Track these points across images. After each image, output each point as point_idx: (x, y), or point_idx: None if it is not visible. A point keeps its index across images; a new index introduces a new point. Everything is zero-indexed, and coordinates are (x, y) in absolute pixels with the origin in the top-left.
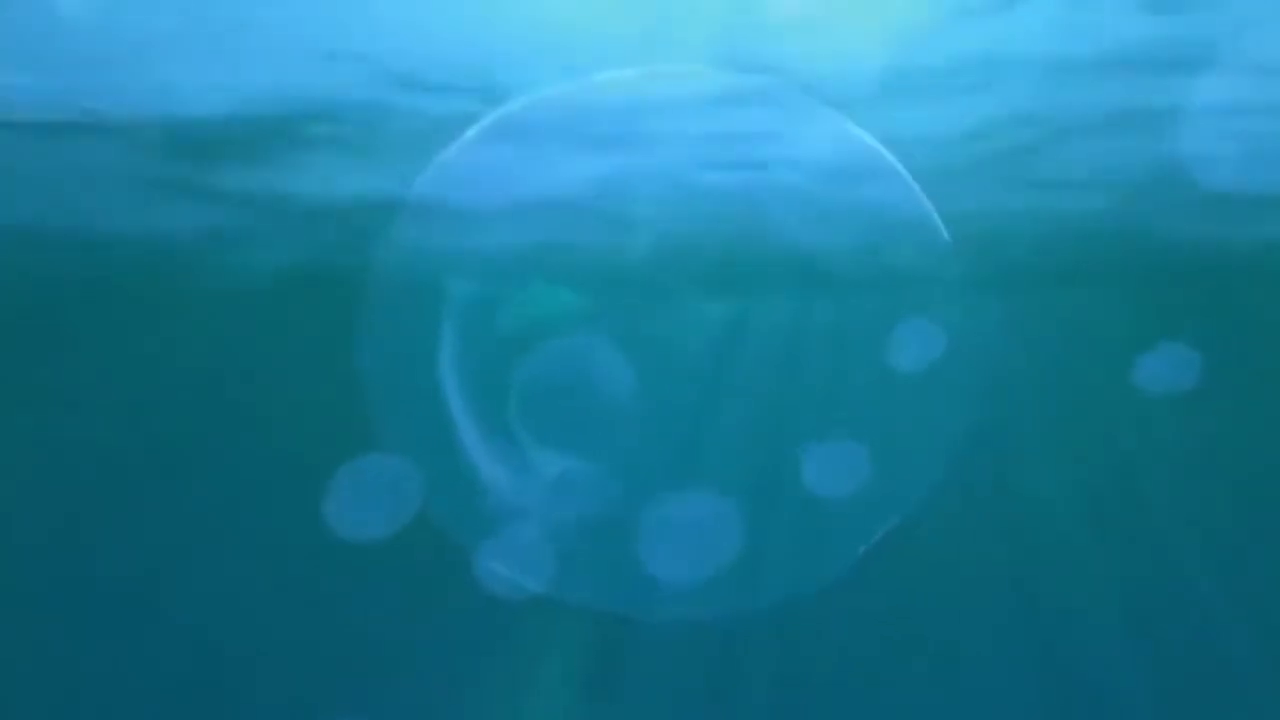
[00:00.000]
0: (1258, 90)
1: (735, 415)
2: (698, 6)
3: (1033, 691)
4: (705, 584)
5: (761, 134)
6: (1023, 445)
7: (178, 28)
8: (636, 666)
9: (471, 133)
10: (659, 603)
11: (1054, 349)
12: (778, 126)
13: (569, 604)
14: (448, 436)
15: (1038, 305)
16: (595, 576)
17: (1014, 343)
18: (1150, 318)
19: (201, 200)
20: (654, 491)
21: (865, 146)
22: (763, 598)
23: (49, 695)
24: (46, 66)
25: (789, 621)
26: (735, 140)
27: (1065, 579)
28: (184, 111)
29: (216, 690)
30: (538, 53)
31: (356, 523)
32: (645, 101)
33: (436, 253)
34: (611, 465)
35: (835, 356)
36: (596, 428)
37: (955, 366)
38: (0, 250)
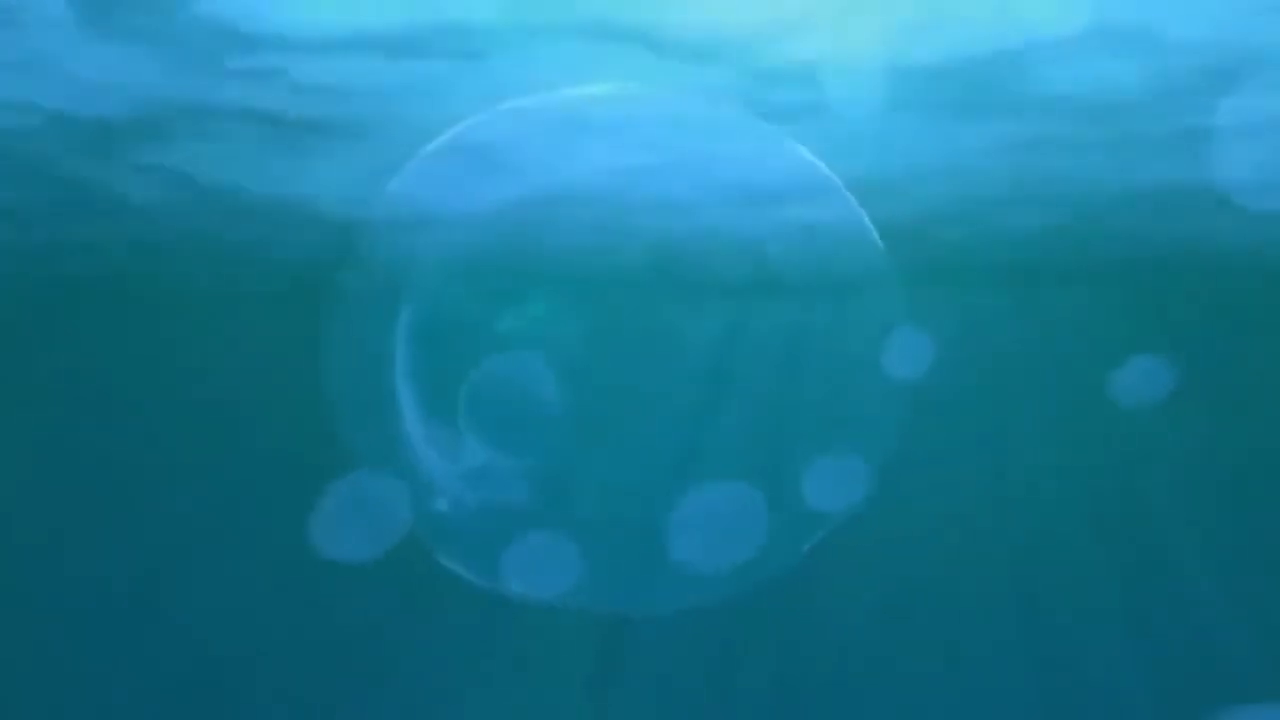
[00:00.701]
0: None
1: (713, 415)
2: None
3: (1024, 686)
4: (676, 583)
5: (707, 148)
6: (1011, 446)
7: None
8: (635, 665)
9: (443, 140)
10: (649, 603)
11: (1046, 348)
12: (723, 143)
13: (562, 606)
14: (425, 442)
15: (1031, 305)
16: (580, 578)
17: (1013, 341)
18: (1138, 319)
19: (192, 198)
20: (634, 492)
21: (804, 161)
22: (720, 595)
23: (35, 704)
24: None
25: (783, 620)
26: (682, 155)
27: (1055, 576)
28: (183, 101)
29: (209, 698)
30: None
31: (348, 534)
32: (603, 118)
33: (410, 259)
34: (589, 468)
35: (786, 360)
36: (571, 431)
37: (948, 369)
38: None
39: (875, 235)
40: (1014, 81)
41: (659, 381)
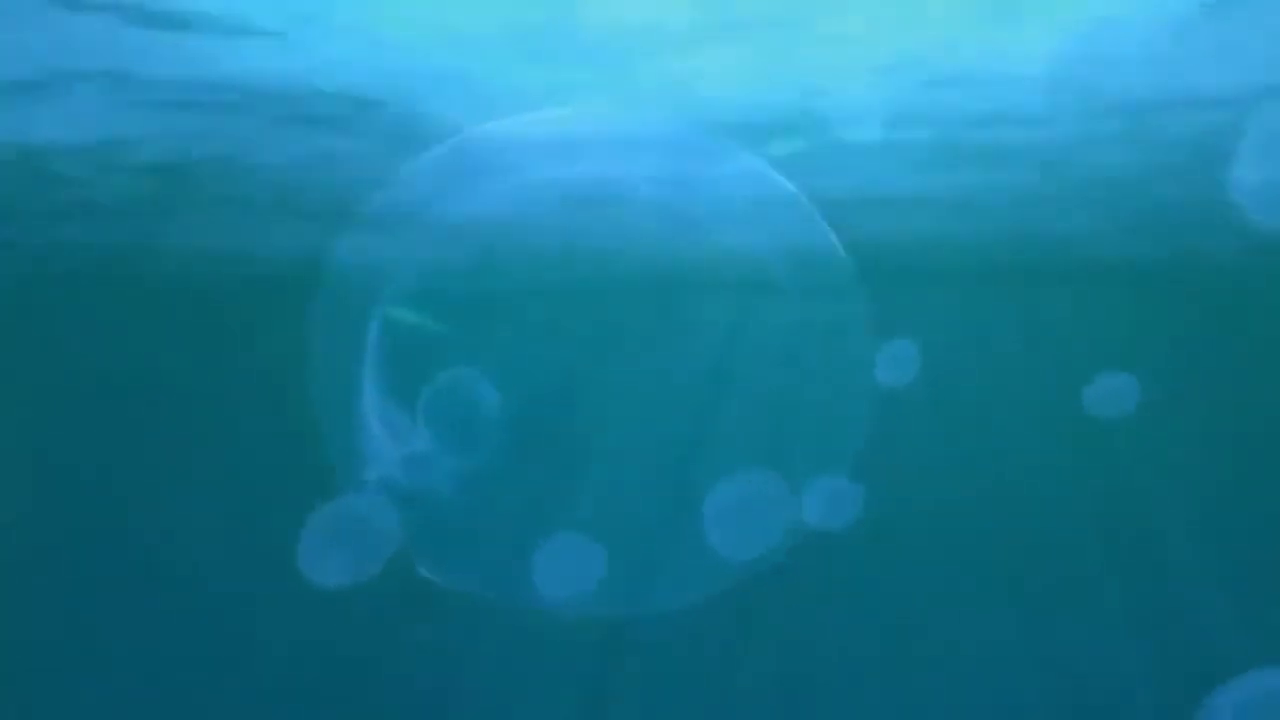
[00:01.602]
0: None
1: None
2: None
3: (1027, 690)
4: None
5: (679, 167)
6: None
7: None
8: (634, 669)
9: (441, 147)
10: (648, 606)
11: (1043, 351)
12: (695, 160)
13: (558, 613)
14: (416, 448)
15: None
16: (577, 584)
17: (1009, 343)
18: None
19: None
20: (628, 496)
21: (771, 178)
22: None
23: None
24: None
25: (782, 622)
26: (656, 170)
27: (1056, 577)
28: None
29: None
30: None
31: (341, 547)
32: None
33: (405, 264)
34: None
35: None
36: (561, 436)
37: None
38: None
39: (836, 239)
40: (1012, 85)
41: (647, 384)
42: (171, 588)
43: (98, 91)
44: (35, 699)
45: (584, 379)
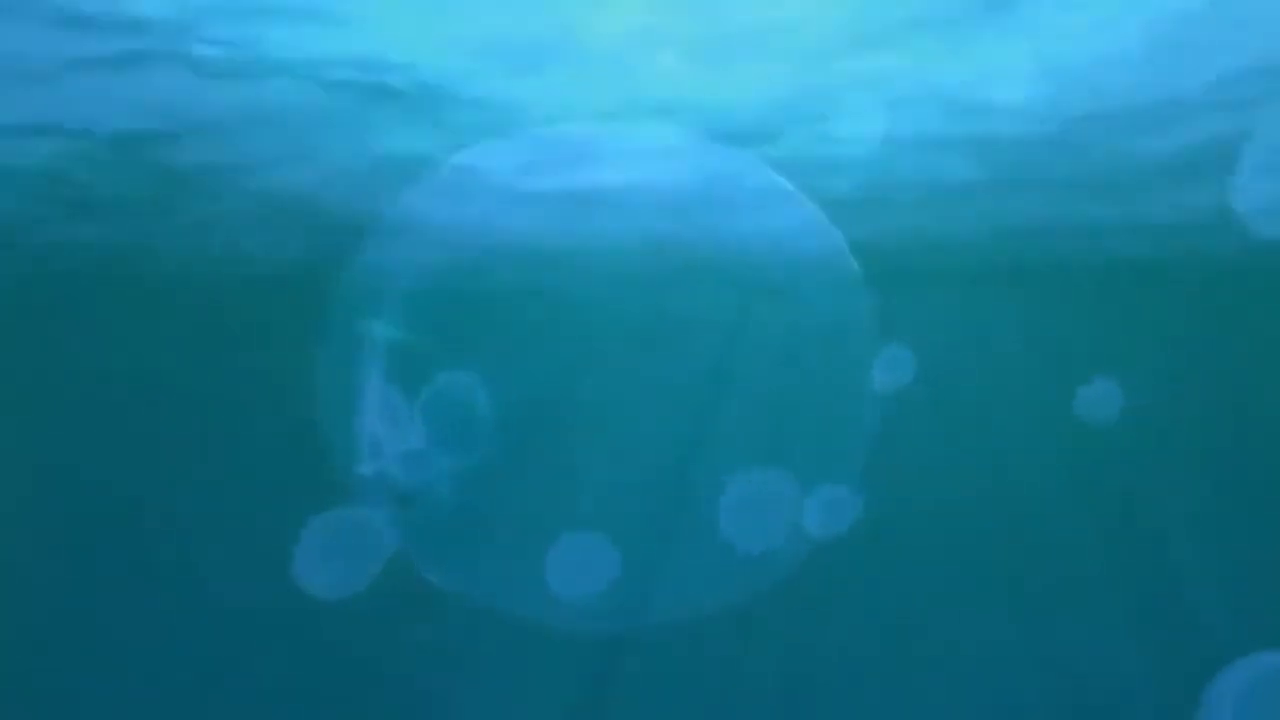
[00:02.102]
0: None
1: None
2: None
3: (1028, 694)
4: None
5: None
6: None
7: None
8: (633, 670)
9: (457, 157)
10: (648, 613)
11: (1039, 352)
12: (695, 163)
13: (559, 621)
14: (417, 448)
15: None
16: (578, 589)
17: (1006, 343)
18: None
19: (185, 197)
20: (630, 499)
21: (771, 178)
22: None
23: None
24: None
25: (781, 629)
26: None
27: (1056, 578)
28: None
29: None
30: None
31: (339, 553)
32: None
33: (413, 265)
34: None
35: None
36: (562, 437)
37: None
38: None
39: (837, 239)
40: (1012, 87)
41: (647, 385)
42: (171, 587)
43: (98, 92)
44: (35, 700)
45: (584, 379)
